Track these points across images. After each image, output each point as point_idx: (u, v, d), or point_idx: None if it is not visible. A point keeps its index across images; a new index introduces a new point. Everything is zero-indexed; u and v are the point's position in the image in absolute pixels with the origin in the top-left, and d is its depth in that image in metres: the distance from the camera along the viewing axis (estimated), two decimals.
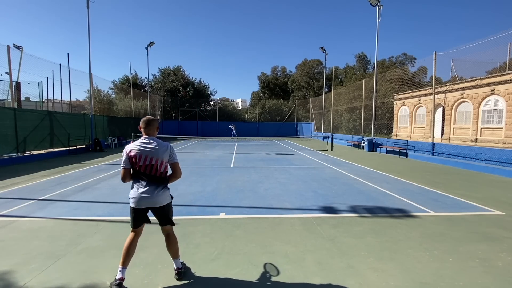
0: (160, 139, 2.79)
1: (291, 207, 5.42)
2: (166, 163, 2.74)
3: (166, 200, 2.74)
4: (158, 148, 2.67)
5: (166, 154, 2.71)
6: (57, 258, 3.29)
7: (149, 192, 2.63)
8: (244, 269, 3.07)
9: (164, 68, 42.42)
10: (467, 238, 3.97)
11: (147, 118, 2.79)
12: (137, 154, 2.62)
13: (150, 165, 2.64)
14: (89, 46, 16.97)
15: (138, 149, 2.64)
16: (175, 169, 2.80)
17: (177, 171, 2.80)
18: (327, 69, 35.18)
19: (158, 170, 2.68)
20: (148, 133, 2.75)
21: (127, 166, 2.67)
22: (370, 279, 2.89)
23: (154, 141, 2.71)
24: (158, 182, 2.68)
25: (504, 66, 17.38)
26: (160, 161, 2.67)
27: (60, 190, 6.60)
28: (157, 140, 2.74)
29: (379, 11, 17.56)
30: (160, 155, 2.66)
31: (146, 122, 2.75)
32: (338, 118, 30.35)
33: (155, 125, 2.80)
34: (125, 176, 2.69)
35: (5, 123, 11.30)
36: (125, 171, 2.68)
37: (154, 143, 2.69)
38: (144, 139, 2.71)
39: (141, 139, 2.73)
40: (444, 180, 8.34)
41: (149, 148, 2.65)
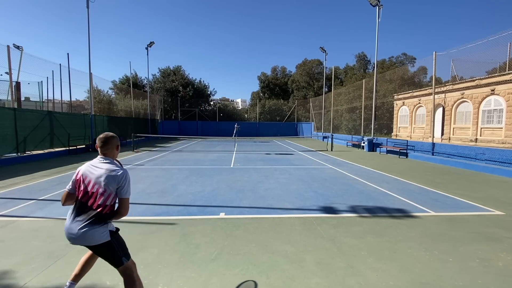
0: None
1: (291, 207, 5.42)
2: (111, 195, 2.15)
3: (97, 241, 2.10)
4: (108, 174, 2.14)
5: (114, 184, 2.13)
6: (57, 258, 3.29)
7: (75, 228, 2.08)
8: (244, 269, 3.07)
9: (164, 68, 42.45)
10: (467, 238, 3.97)
11: (104, 135, 2.32)
12: (81, 178, 2.17)
13: (91, 193, 2.13)
14: (89, 46, 16.98)
15: (85, 172, 2.19)
16: (121, 205, 2.18)
17: (123, 209, 2.18)
18: (327, 69, 35.21)
19: (96, 202, 2.11)
20: (104, 153, 2.27)
21: (71, 190, 2.20)
22: (370, 279, 2.89)
23: (108, 164, 2.21)
24: (92, 217, 2.10)
25: (504, 66, 17.38)
26: (102, 190, 2.11)
27: (60, 190, 6.60)
28: (113, 163, 2.25)
29: (379, 11, 17.56)
30: (107, 184, 2.12)
31: (102, 141, 2.28)
32: (338, 118, 30.36)
33: (115, 144, 2.33)
34: (64, 200, 2.23)
35: (5, 123, 11.30)
36: (66, 195, 2.21)
37: (106, 167, 2.18)
38: (98, 160, 2.25)
39: (95, 159, 2.27)
40: (444, 180, 8.34)
41: (96, 172, 2.16)
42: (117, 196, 2.19)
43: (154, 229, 4.27)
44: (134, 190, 6.67)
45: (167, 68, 42.26)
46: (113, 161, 2.28)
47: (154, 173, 9.06)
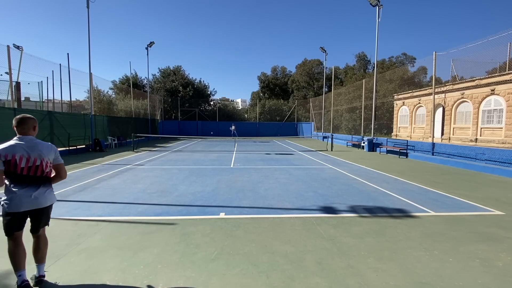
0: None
1: (291, 207, 5.42)
2: (50, 163, 2.68)
3: (51, 201, 2.69)
4: (41, 148, 2.58)
5: (52, 154, 2.66)
6: (57, 258, 3.29)
7: (32, 194, 2.51)
8: (244, 269, 3.07)
9: (164, 68, 42.48)
10: (467, 238, 3.97)
11: (21, 116, 2.64)
12: (15, 156, 2.47)
13: (35, 166, 2.54)
14: (89, 46, 16.99)
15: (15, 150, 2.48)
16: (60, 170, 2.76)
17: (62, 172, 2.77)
18: (327, 69, 35.21)
19: (44, 171, 2.61)
20: (23, 133, 2.60)
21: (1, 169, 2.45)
22: (370, 279, 2.89)
23: (35, 140, 2.61)
24: (43, 183, 2.61)
25: (504, 66, 17.39)
26: (45, 161, 2.60)
27: (60, 190, 6.60)
28: (36, 140, 2.64)
29: (379, 11, 17.56)
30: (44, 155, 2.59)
31: (18, 121, 2.61)
32: (338, 118, 30.36)
33: (31, 124, 2.65)
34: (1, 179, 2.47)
35: (5, 123, 11.30)
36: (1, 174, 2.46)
37: (35, 141, 2.59)
38: (19, 139, 2.56)
39: (14, 139, 2.57)
40: (444, 180, 8.34)
41: (29, 148, 2.53)
42: (55, 163, 2.71)
43: (154, 229, 4.27)
44: (134, 190, 6.67)
45: (167, 68, 42.28)
46: (36, 139, 2.64)
47: (154, 173, 9.06)
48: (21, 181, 2.50)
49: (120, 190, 6.73)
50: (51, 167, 2.72)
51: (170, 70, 41.88)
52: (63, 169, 2.77)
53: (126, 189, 6.82)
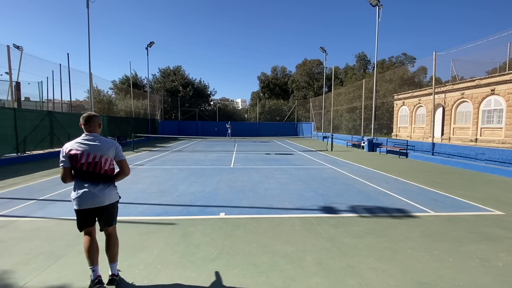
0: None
1: (291, 207, 5.42)
2: (111, 161, 2.64)
3: (112, 199, 2.63)
4: (102, 145, 2.56)
5: (112, 151, 2.61)
6: (57, 258, 3.29)
7: (94, 191, 2.51)
8: (244, 269, 3.07)
9: (164, 68, 42.42)
10: (467, 238, 3.97)
11: (87, 114, 2.67)
12: (78, 153, 2.49)
13: (94, 163, 2.52)
14: (89, 46, 16.97)
15: (78, 147, 2.51)
16: (122, 166, 2.69)
17: (125, 169, 2.69)
18: (327, 69, 35.20)
19: (103, 168, 2.55)
20: (89, 130, 2.62)
21: (66, 165, 2.51)
22: (370, 279, 2.89)
23: (96, 138, 2.59)
24: (104, 181, 2.57)
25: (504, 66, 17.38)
26: (104, 158, 2.55)
27: (60, 190, 6.60)
28: (99, 137, 2.63)
29: (379, 11, 17.55)
30: (104, 152, 2.55)
31: (86, 118, 2.62)
32: (338, 118, 30.36)
33: (97, 121, 2.67)
34: (65, 176, 2.53)
35: (5, 123, 11.30)
36: (65, 170, 2.52)
37: (96, 140, 2.58)
38: (85, 136, 2.58)
39: (81, 136, 2.61)
40: (444, 180, 8.34)
41: (92, 145, 2.53)
42: (116, 160, 2.67)
43: (154, 229, 4.27)
44: (134, 190, 6.67)
45: (167, 68, 42.24)
46: (100, 136, 2.63)
47: (154, 173, 9.06)
48: (82, 177, 2.52)
49: (120, 190, 6.68)
50: (113, 164, 2.67)
51: (170, 70, 41.85)
52: (125, 165, 2.70)
53: (126, 189, 6.81)
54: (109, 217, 2.66)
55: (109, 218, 2.66)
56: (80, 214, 2.56)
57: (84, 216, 2.57)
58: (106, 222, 2.65)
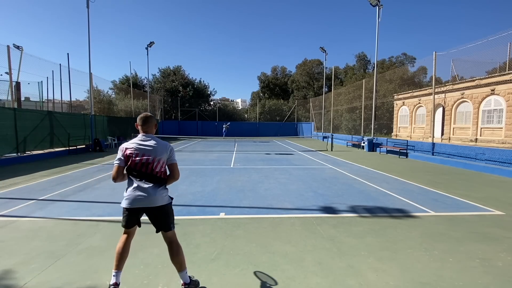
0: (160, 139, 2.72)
1: (291, 207, 5.42)
2: (164, 163, 2.57)
3: (163, 201, 2.54)
4: (157, 146, 2.53)
5: (165, 154, 2.55)
6: (57, 258, 3.29)
7: (144, 191, 2.46)
8: (244, 269, 3.07)
9: (164, 68, 42.47)
10: (467, 238, 3.97)
11: (144, 114, 2.65)
12: (133, 152, 2.48)
13: (147, 164, 2.49)
14: (89, 46, 16.98)
15: (135, 147, 2.50)
16: (173, 170, 2.61)
17: (175, 172, 2.62)
18: (327, 69, 35.21)
19: (154, 169, 2.50)
20: (146, 131, 2.61)
21: (121, 164, 2.51)
22: (370, 279, 2.89)
23: (152, 139, 2.57)
24: (155, 182, 2.51)
25: (504, 66, 17.38)
26: (157, 160, 2.51)
27: (60, 190, 6.60)
28: (155, 138, 2.61)
29: (379, 11, 17.56)
30: (158, 154, 2.51)
31: (143, 119, 2.61)
32: (338, 118, 30.36)
33: (153, 122, 2.66)
34: (117, 174, 2.51)
35: (5, 123, 11.30)
36: (119, 168, 2.50)
37: (152, 141, 2.55)
38: (142, 137, 2.57)
39: (138, 136, 2.60)
40: (444, 180, 8.33)
41: (147, 146, 2.51)
42: (168, 163, 2.60)
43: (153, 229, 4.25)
44: None
45: (167, 68, 42.27)
46: (155, 137, 2.62)
47: None
48: (135, 176, 2.50)
49: (120, 190, 6.70)
50: (165, 167, 2.60)
51: (170, 70, 41.88)
52: (175, 169, 2.61)
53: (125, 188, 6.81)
54: (163, 220, 2.55)
55: (164, 221, 2.55)
56: (128, 212, 2.52)
57: (130, 215, 2.52)
58: (162, 225, 2.55)
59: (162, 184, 2.55)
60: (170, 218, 2.60)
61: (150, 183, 2.49)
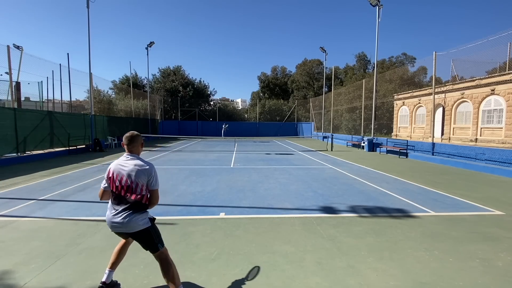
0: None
1: (291, 207, 5.42)
2: (144, 187, 2.42)
3: (139, 227, 2.40)
4: (138, 169, 2.39)
5: (144, 178, 2.40)
6: (57, 258, 3.29)
7: (119, 217, 2.36)
8: (244, 269, 3.07)
9: (164, 68, 42.46)
10: (467, 238, 3.97)
11: (130, 134, 2.52)
12: (113, 174, 2.41)
13: (126, 187, 2.38)
14: (89, 46, 16.98)
15: (116, 168, 2.42)
16: (152, 196, 2.50)
17: (154, 198, 2.52)
18: (327, 69, 35.21)
19: (133, 194, 2.38)
20: (131, 150, 2.51)
21: (106, 188, 2.46)
22: (370, 279, 2.89)
23: (135, 160, 2.45)
24: (131, 207, 2.39)
25: (504, 66, 17.38)
26: (135, 183, 2.37)
27: (60, 190, 6.60)
28: (140, 159, 2.49)
29: (379, 11, 17.56)
30: (138, 177, 2.37)
31: (129, 139, 2.49)
32: (338, 118, 30.36)
33: (139, 141, 2.55)
34: (101, 196, 2.51)
35: (5, 123, 11.30)
36: (103, 192, 2.49)
37: (135, 162, 2.43)
38: (125, 157, 2.48)
39: (122, 157, 2.51)
40: (444, 180, 8.33)
41: (126, 168, 2.40)
42: (148, 188, 2.46)
43: None
44: None
45: (167, 68, 42.26)
46: (139, 157, 2.52)
47: None
48: (114, 199, 2.43)
49: None
50: (146, 190, 2.46)
51: (170, 70, 41.88)
52: (155, 196, 2.51)
53: None
54: (146, 243, 2.48)
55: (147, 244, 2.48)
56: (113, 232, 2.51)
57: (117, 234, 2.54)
58: (147, 247, 2.50)
59: (140, 209, 2.43)
60: (153, 239, 2.48)
61: (126, 209, 2.38)
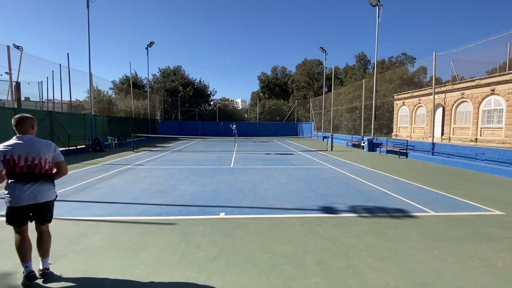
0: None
1: (291, 207, 5.42)
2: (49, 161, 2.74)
3: (49, 197, 2.76)
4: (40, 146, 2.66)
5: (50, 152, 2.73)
6: (57, 258, 3.29)
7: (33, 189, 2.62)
8: (244, 269, 3.07)
9: (164, 68, 42.47)
10: (467, 238, 3.97)
11: (19, 116, 2.75)
12: (14, 155, 2.57)
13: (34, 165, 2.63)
14: (89, 46, 16.98)
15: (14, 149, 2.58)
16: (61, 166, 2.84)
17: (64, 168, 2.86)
18: (327, 69, 35.20)
19: (43, 168, 2.69)
20: (22, 132, 2.71)
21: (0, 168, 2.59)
22: (370, 279, 2.89)
23: (32, 140, 2.68)
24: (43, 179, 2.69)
25: (504, 66, 17.39)
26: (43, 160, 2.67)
27: (60, 190, 6.60)
28: (36, 138, 2.72)
29: (379, 11, 17.56)
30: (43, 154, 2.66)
31: (17, 120, 2.71)
32: (338, 118, 30.36)
33: (29, 123, 2.76)
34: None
35: (5, 123, 11.30)
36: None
37: (33, 142, 2.67)
38: (20, 139, 2.67)
39: (14, 138, 2.69)
40: (444, 180, 8.33)
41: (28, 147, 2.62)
42: (54, 161, 2.78)
43: (154, 229, 4.27)
44: (134, 190, 6.67)
45: (167, 68, 42.27)
46: (35, 137, 2.73)
47: (154, 173, 9.06)
48: (20, 178, 2.61)
49: (120, 190, 6.73)
50: (51, 164, 2.78)
51: (170, 70, 41.88)
52: (63, 166, 2.85)
53: (126, 189, 6.82)
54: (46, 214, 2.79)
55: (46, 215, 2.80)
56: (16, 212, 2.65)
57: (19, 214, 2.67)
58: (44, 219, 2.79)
59: (48, 182, 2.76)
60: (52, 211, 2.86)
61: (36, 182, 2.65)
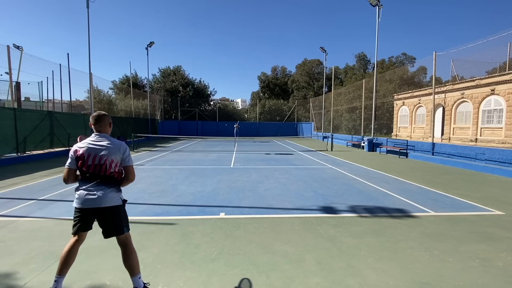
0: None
1: (291, 207, 5.42)
2: (118, 164, 2.49)
3: (113, 202, 2.44)
4: (110, 146, 2.45)
5: (119, 155, 2.48)
6: (57, 258, 3.27)
7: (93, 192, 2.39)
8: (244, 269, 3.07)
9: (164, 68, 42.46)
10: (467, 238, 3.97)
11: (97, 113, 2.57)
12: (85, 153, 2.41)
13: (99, 165, 2.41)
14: (89, 46, 16.97)
15: (86, 148, 2.42)
16: (128, 171, 2.55)
17: (130, 174, 2.56)
18: (327, 69, 35.19)
19: (108, 170, 2.43)
20: (99, 130, 2.53)
21: (72, 166, 2.44)
22: (370, 279, 2.89)
23: (106, 139, 2.49)
24: (105, 182, 2.43)
25: (504, 66, 17.38)
26: (109, 161, 2.43)
27: (60, 190, 6.60)
28: (109, 138, 2.53)
29: (379, 11, 17.56)
30: (111, 155, 2.43)
31: (95, 118, 2.53)
32: (338, 118, 30.36)
33: (107, 121, 2.59)
34: (68, 176, 2.44)
35: (5, 123, 11.30)
36: (69, 171, 2.44)
37: (105, 141, 2.47)
38: (94, 137, 2.50)
39: (90, 136, 2.53)
40: (444, 180, 8.33)
41: (98, 146, 2.43)
42: (123, 165, 2.54)
43: (154, 229, 4.27)
44: (134, 190, 6.67)
45: (167, 68, 42.27)
46: (109, 137, 2.54)
47: (154, 173, 9.05)
48: (86, 178, 2.43)
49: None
50: (120, 167, 2.54)
51: (170, 70, 41.88)
52: (131, 171, 2.56)
53: (126, 189, 6.76)
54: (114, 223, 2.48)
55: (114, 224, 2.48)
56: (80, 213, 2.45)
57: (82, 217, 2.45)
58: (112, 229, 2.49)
59: (114, 186, 2.48)
60: (122, 219, 2.51)
61: (101, 185, 2.42)
